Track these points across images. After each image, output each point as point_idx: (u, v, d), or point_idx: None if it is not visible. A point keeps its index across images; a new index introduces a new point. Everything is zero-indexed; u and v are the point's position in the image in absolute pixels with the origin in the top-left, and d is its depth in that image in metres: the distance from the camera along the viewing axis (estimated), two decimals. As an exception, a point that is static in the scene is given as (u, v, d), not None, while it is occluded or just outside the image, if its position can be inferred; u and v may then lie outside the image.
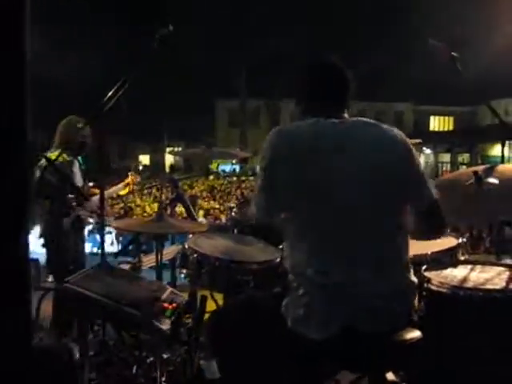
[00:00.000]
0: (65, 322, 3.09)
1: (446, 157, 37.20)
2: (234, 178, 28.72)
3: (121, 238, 10.97)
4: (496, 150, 27.80)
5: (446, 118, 44.36)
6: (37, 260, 6.27)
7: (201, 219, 9.90)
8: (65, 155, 4.28)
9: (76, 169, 4.47)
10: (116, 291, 2.35)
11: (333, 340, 2.02)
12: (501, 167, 3.09)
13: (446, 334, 2.44)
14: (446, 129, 43.34)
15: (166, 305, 2.43)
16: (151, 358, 2.50)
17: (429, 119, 44.03)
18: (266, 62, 30.90)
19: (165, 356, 2.56)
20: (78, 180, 4.48)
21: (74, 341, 2.65)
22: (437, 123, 44.47)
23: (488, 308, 2.39)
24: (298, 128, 2.22)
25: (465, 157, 34.94)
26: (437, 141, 35.20)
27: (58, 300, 2.83)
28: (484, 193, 2.85)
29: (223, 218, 12.03)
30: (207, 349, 3.06)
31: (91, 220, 4.62)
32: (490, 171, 2.99)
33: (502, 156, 3.98)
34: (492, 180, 2.87)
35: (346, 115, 2.29)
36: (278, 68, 29.78)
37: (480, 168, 3.05)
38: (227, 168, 34.93)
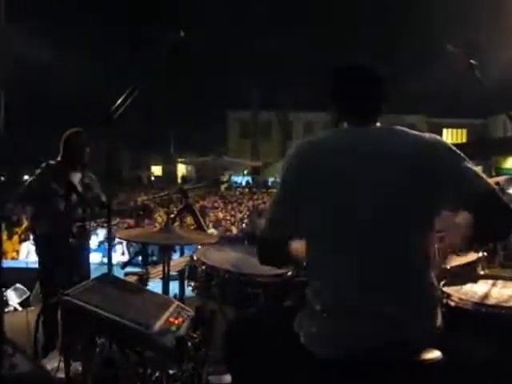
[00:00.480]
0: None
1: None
2: (246, 190, 28.72)
3: (131, 249, 10.92)
4: (510, 163, 27.58)
5: (459, 130, 44.12)
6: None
7: (211, 230, 9.82)
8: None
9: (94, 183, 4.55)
10: (118, 305, 2.24)
11: (345, 361, 1.92)
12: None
13: (467, 352, 2.31)
14: (459, 141, 43.12)
15: (171, 319, 2.32)
16: (157, 374, 2.40)
17: (441, 132, 43.82)
18: (278, 72, 30.94)
19: (171, 372, 2.46)
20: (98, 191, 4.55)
21: (77, 355, 2.57)
22: (450, 136, 44.24)
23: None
24: (323, 139, 2.14)
25: (478, 169, 34.71)
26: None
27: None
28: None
29: (234, 230, 11.95)
30: (216, 363, 2.97)
31: (98, 231, 4.63)
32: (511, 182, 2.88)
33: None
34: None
35: (377, 123, 2.20)
36: (290, 79, 29.88)
37: (501, 179, 2.93)
38: (239, 179, 34.96)
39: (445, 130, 43.94)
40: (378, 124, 2.19)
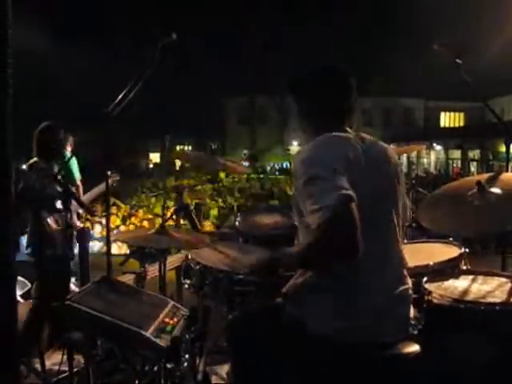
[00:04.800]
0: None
1: (457, 153, 36.99)
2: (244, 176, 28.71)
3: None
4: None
5: (457, 113, 44.07)
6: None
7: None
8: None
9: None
10: (115, 307, 2.37)
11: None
12: (504, 176, 3.07)
13: (446, 347, 2.43)
14: (456, 125, 43.08)
15: (166, 320, 2.45)
16: (155, 369, 2.52)
17: (439, 115, 43.79)
18: (274, 57, 30.85)
19: (169, 366, 2.58)
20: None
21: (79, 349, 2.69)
22: (447, 119, 44.20)
23: (489, 321, 2.38)
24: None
25: (475, 153, 34.74)
26: (447, 137, 35.03)
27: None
28: (487, 203, 2.83)
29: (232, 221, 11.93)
30: (213, 354, 3.10)
31: (78, 223, 4.61)
32: (493, 181, 2.97)
33: (507, 158, 3.90)
34: (495, 190, 2.85)
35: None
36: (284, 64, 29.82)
37: (483, 177, 3.03)
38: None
39: (442, 114, 43.93)
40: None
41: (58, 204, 4.13)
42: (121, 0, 29.06)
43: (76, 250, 4.49)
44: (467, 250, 3.14)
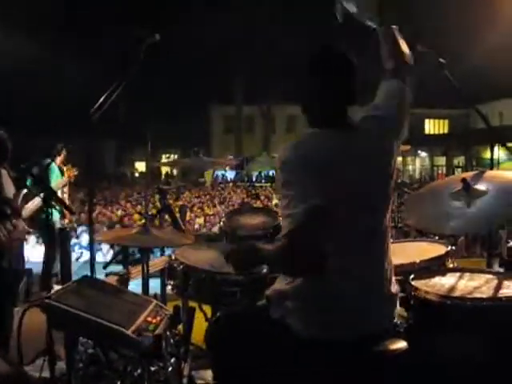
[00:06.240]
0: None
1: (442, 160, 37.28)
2: (231, 184, 28.76)
3: (115, 247, 10.92)
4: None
5: (441, 120, 44.37)
6: (30, 270, 6.23)
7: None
8: None
9: (4, 179, 4.04)
10: (97, 306, 2.32)
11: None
12: (489, 173, 3.07)
13: (434, 343, 2.41)
14: (441, 132, 43.38)
15: (149, 319, 2.40)
16: (139, 371, 2.47)
17: (424, 122, 44.06)
18: (262, 66, 30.87)
19: (153, 369, 2.53)
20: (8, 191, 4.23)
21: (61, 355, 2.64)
22: (432, 126, 44.48)
23: (475, 317, 2.37)
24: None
25: (460, 159, 35.06)
26: (432, 144, 35.30)
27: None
28: (473, 200, 2.82)
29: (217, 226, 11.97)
30: (198, 358, 3.05)
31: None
32: (478, 178, 2.97)
33: (492, 160, 3.95)
34: (480, 187, 2.85)
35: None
36: (274, 72, 29.86)
37: (469, 175, 3.02)
38: (224, 173, 34.89)
39: (427, 121, 44.20)
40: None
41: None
42: (108, 5, 28.91)
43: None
44: (453, 248, 3.14)
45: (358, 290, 2.10)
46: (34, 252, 8.64)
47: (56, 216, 6.03)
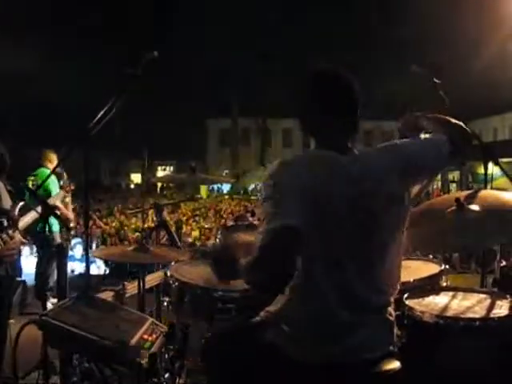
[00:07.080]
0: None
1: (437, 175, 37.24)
2: (226, 197, 28.74)
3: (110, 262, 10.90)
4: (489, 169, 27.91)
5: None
6: (24, 282, 6.19)
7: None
8: None
9: (1, 191, 4.01)
10: (93, 323, 2.33)
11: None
12: (483, 193, 3.10)
13: (428, 363, 2.42)
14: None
15: (145, 336, 2.41)
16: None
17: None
18: (258, 80, 31.01)
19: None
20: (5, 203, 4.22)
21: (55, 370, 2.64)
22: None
23: (468, 337, 2.38)
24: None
25: (455, 174, 35.06)
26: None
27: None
28: (466, 220, 2.85)
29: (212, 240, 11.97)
30: (193, 374, 3.05)
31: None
32: (472, 198, 3.00)
33: (485, 177, 3.96)
34: (474, 207, 2.87)
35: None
36: (269, 86, 29.99)
37: (462, 194, 3.05)
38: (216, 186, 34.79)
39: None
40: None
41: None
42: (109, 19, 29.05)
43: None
44: (447, 266, 3.16)
45: (357, 315, 2.08)
46: (28, 263, 8.61)
47: (56, 229, 5.96)
